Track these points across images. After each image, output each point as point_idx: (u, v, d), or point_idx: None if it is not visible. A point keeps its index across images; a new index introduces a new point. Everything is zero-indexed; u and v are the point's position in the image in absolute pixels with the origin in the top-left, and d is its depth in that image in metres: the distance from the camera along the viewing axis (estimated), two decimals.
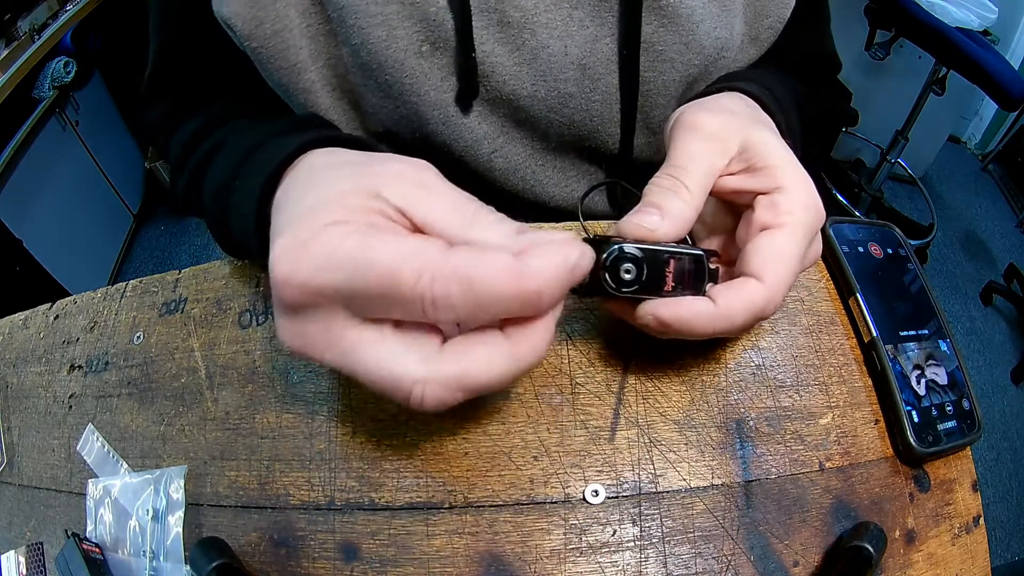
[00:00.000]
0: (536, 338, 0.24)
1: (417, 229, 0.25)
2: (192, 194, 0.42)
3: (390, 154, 0.30)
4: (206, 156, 0.40)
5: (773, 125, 0.36)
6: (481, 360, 0.24)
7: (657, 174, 0.32)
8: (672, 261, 0.29)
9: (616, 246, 0.28)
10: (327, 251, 0.23)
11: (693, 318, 0.28)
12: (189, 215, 0.51)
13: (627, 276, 0.28)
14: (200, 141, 0.42)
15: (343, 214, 0.24)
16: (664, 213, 0.29)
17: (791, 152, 0.32)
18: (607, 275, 0.28)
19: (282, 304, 0.25)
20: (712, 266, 0.30)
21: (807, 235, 0.30)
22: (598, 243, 0.28)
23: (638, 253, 0.28)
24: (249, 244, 0.32)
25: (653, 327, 0.29)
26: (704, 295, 0.29)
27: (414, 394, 0.23)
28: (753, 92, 0.39)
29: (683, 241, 0.31)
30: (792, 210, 0.30)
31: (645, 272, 0.28)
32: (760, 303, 0.28)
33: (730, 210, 0.34)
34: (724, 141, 0.32)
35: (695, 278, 0.30)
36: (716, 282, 0.30)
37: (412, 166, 0.27)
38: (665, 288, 0.29)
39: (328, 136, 0.33)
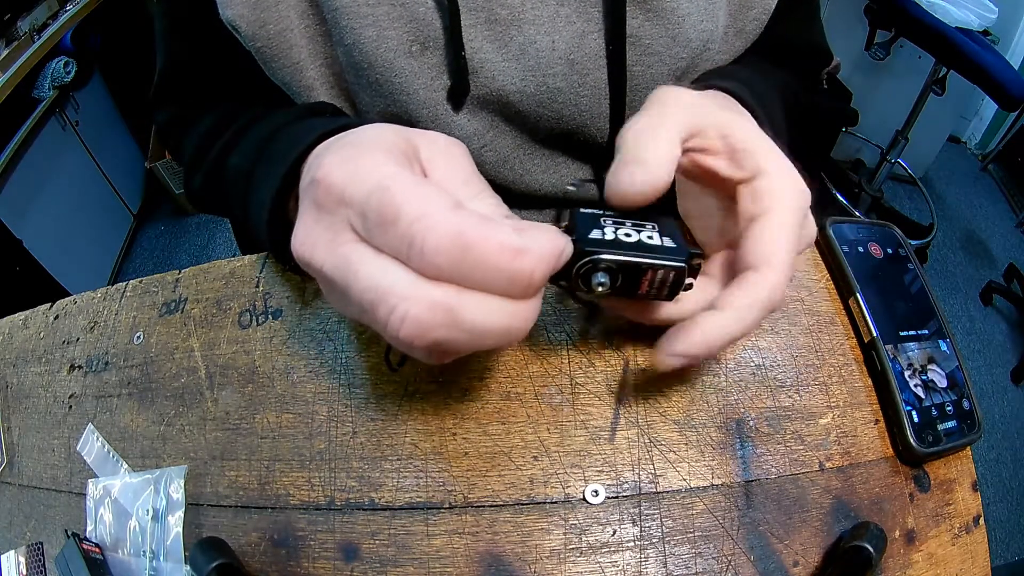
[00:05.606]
0: (531, 305, 0.24)
1: None
2: (212, 182, 0.42)
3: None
4: (232, 138, 0.41)
5: (751, 118, 0.36)
6: (477, 299, 0.22)
7: (630, 120, 0.30)
8: (650, 272, 0.28)
9: (590, 258, 0.27)
10: (366, 168, 0.24)
11: (714, 335, 0.28)
12: (206, 211, 0.51)
13: (600, 287, 0.27)
14: (221, 131, 0.43)
15: (394, 150, 0.26)
16: (644, 163, 0.28)
17: (770, 140, 0.31)
18: (579, 281, 0.27)
19: (308, 202, 0.26)
20: (695, 264, 0.29)
21: (795, 216, 0.29)
22: (576, 240, 0.27)
23: (613, 264, 0.27)
24: (263, 214, 0.33)
25: (679, 366, 0.29)
26: (675, 300, 0.29)
27: (397, 311, 0.22)
28: (730, 89, 0.38)
29: (670, 233, 0.29)
30: (773, 192, 0.29)
31: (620, 280, 0.28)
32: (765, 294, 0.28)
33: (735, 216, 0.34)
34: (699, 108, 0.31)
35: (672, 287, 0.28)
36: (695, 279, 0.30)
37: (446, 137, 0.29)
38: (639, 292, 0.28)
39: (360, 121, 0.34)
